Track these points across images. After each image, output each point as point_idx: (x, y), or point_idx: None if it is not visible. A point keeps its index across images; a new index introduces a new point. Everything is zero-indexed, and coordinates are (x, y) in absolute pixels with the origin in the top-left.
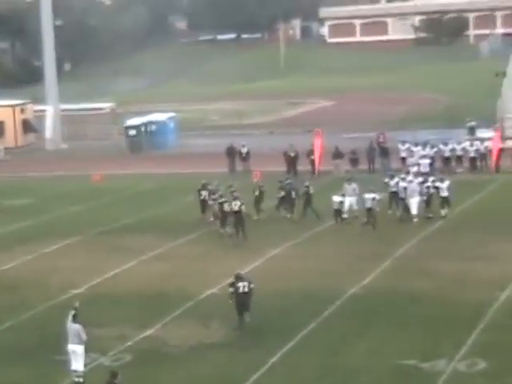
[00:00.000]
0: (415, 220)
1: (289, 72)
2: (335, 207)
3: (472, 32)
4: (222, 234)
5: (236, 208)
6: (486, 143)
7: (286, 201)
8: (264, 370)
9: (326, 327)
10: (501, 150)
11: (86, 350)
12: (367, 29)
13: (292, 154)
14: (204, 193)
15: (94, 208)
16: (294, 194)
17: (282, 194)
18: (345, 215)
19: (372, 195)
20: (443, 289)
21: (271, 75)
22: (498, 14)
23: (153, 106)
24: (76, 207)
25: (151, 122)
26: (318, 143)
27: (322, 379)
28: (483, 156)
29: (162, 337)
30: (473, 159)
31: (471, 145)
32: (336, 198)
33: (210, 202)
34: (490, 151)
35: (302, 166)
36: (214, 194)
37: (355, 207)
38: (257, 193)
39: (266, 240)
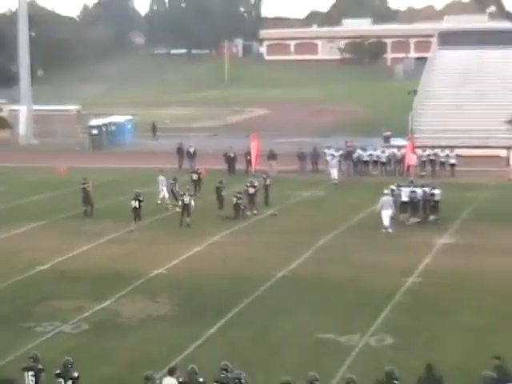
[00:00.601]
0: (390, 230)
1: (232, 84)
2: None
3: (389, 55)
4: (182, 223)
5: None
6: (401, 150)
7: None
8: (203, 340)
9: (258, 305)
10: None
11: (49, 318)
12: (300, 49)
13: (231, 155)
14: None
15: (59, 196)
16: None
17: (253, 191)
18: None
19: None
20: (358, 275)
21: (217, 86)
22: (412, 40)
23: (113, 110)
24: (43, 195)
25: (111, 123)
26: (254, 146)
27: (254, 350)
28: (398, 161)
29: (115, 309)
30: (384, 164)
31: (383, 151)
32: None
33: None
34: (403, 157)
35: (240, 166)
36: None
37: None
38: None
39: (208, 228)
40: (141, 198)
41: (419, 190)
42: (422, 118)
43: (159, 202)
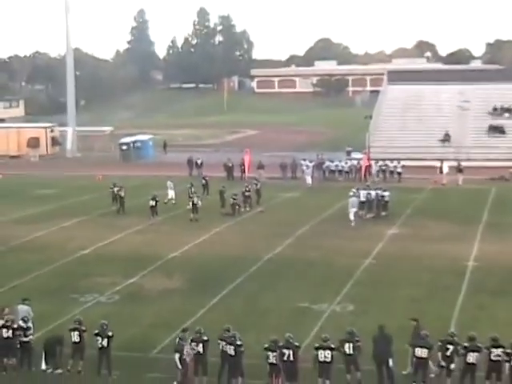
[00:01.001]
0: (352, 224)
1: (229, 111)
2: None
3: (350, 89)
4: (191, 218)
5: (195, 202)
6: (360, 162)
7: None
8: (208, 307)
9: (250, 280)
10: (367, 166)
11: (90, 291)
12: (282, 84)
13: (230, 165)
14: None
15: (97, 197)
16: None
17: (248, 193)
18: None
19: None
20: (327, 257)
21: (218, 113)
22: (368, 77)
23: (138, 130)
24: (85, 196)
25: (137, 141)
26: (247, 158)
27: (247, 315)
28: (358, 170)
29: (141, 284)
30: (347, 172)
31: (346, 163)
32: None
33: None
34: (361, 167)
35: (236, 173)
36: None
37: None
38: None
39: (212, 222)
40: (157, 199)
41: (373, 192)
42: (375, 137)
43: (174, 202)
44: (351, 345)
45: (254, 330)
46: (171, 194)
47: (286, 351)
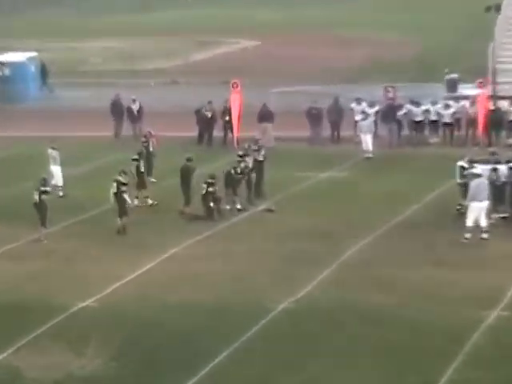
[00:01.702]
0: (485, 236)
1: (198, 0)
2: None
3: None
4: (119, 227)
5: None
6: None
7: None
8: None
9: (245, 356)
10: (489, 112)
11: None
12: None
13: (208, 115)
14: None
15: None
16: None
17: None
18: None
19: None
20: (408, 305)
21: (173, 4)
22: None
23: (8, 42)
24: None
25: (4, 64)
26: (236, 99)
27: None
28: (471, 121)
29: (16, 366)
30: (449, 125)
31: (446, 106)
32: None
33: None
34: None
35: (217, 132)
36: None
37: None
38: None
39: (165, 233)
40: (46, 189)
41: (504, 168)
42: (508, 51)
43: (61, 192)
44: None
45: None
46: (57, 173)
47: None
